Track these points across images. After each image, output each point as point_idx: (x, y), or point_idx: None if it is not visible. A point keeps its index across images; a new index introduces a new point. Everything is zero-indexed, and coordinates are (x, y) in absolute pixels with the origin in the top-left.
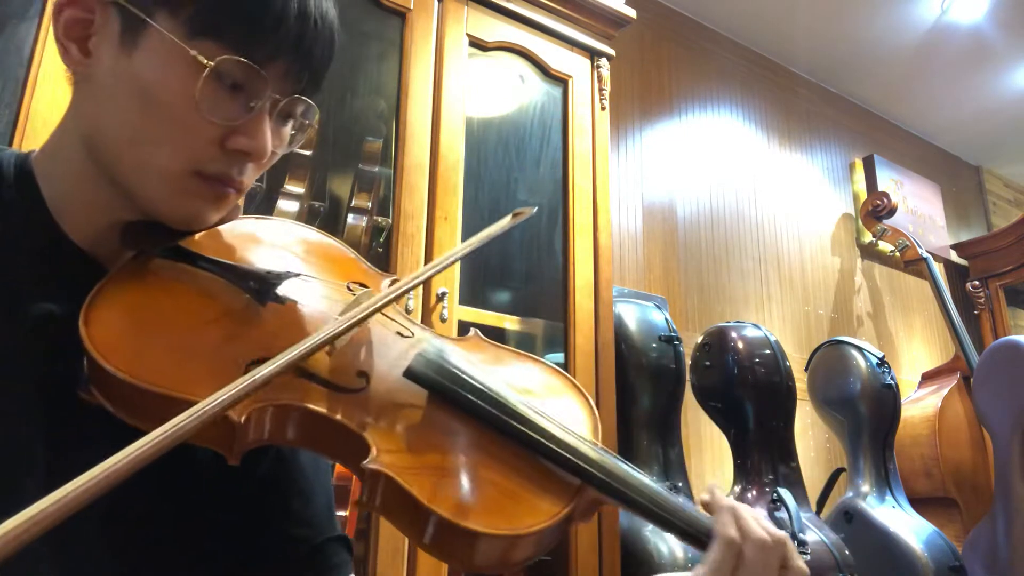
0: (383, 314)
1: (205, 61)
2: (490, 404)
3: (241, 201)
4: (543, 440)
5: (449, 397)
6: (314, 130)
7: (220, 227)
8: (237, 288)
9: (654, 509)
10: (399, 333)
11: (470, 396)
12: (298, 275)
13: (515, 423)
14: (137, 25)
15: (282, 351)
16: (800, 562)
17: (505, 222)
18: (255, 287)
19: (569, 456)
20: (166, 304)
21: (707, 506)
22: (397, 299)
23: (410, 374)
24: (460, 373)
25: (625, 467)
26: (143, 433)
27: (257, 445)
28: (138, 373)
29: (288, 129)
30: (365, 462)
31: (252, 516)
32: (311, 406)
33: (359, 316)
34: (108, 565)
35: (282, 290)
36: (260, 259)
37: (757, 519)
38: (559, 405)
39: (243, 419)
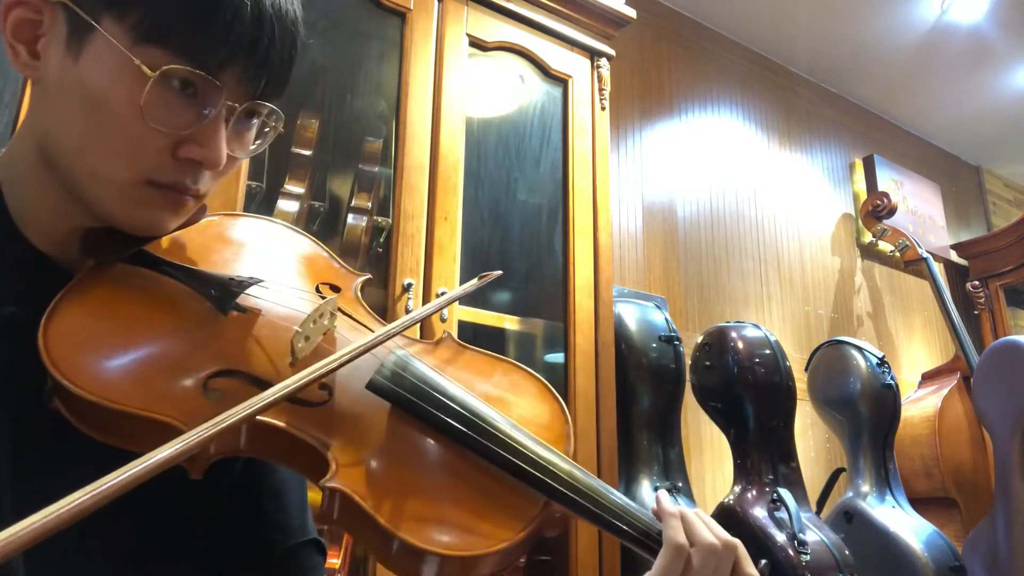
0: (350, 317)
1: (148, 72)
2: (455, 419)
3: (241, 187)
4: (508, 456)
5: (413, 411)
6: (277, 132)
7: (186, 228)
8: (198, 295)
9: (623, 527)
10: None
11: (435, 411)
12: (261, 281)
13: (480, 439)
14: (83, 29)
15: (241, 363)
16: (752, 569)
17: (472, 284)
18: (216, 295)
19: (535, 472)
20: (126, 314)
21: (656, 513)
22: (376, 345)
23: (373, 387)
24: (425, 387)
25: (593, 482)
26: (105, 442)
27: (219, 458)
28: (96, 391)
29: (252, 132)
30: (324, 480)
31: (224, 521)
32: (271, 420)
33: (321, 370)
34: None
35: (244, 298)
36: (226, 262)
37: (708, 525)
38: (530, 413)
39: None
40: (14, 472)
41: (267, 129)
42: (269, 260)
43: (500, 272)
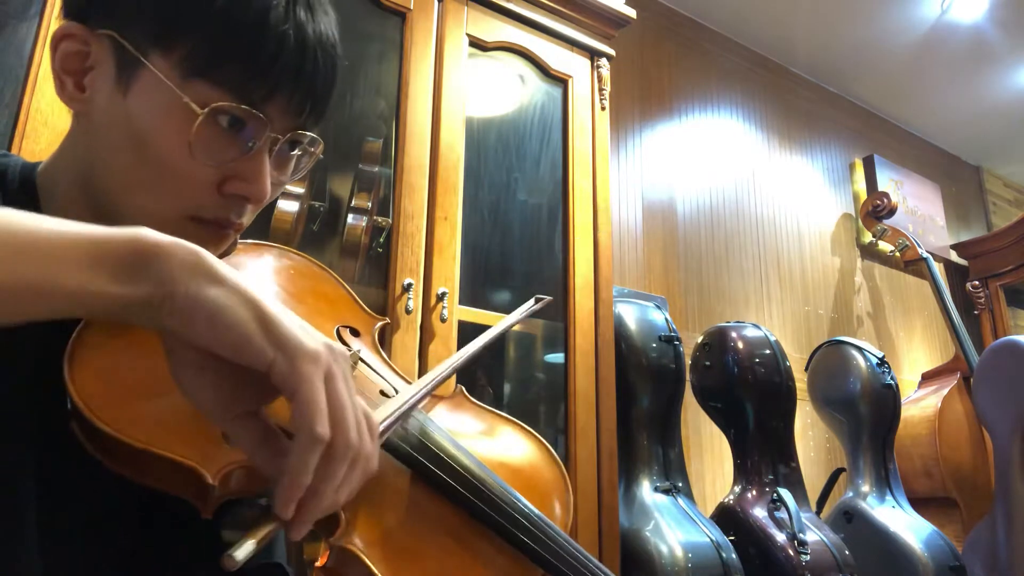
0: (367, 366)
1: (198, 110)
2: (468, 490)
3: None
4: (516, 531)
5: (426, 476)
6: (317, 159)
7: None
8: None
9: None
10: (383, 392)
11: (449, 480)
12: None
13: (490, 511)
14: (131, 64)
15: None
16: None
17: (526, 307)
18: None
19: (538, 549)
20: (151, 346)
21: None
22: (420, 401)
23: (391, 448)
24: (444, 455)
25: (590, 563)
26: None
27: (234, 496)
28: (119, 426)
29: (293, 160)
30: (334, 538)
31: (205, 539)
32: None
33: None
34: None
35: None
36: None
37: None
38: (534, 479)
39: (216, 481)
40: (38, 492)
41: (307, 156)
42: (291, 297)
43: (551, 298)
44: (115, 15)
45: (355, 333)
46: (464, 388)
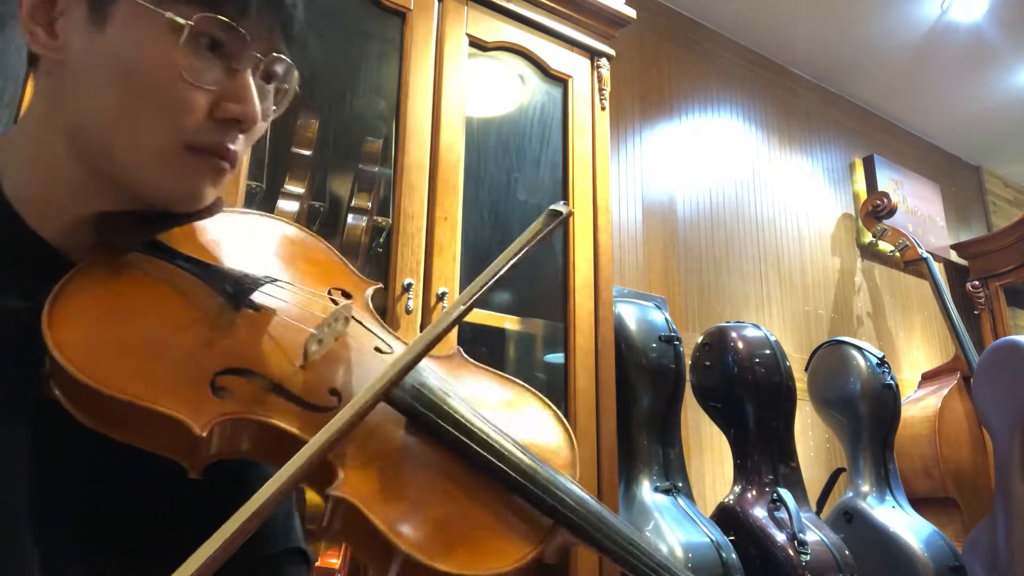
0: (360, 324)
1: (182, 21)
2: (468, 437)
3: (241, 187)
4: (519, 478)
5: (425, 425)
6: (295, 94)
7: (200, 222)
8: (212, 290)
9: (628, 558)
10: (377, 348)
11: (448, 427)
12: (276, 280)
13: (492, 459)
14: None
15: (251, 362)
16: None
17: (540, 223)
18: (230, 291)
19: (544, 496)
20: (136, 302)
21: None
22: (437, 341)
23: (391, 400)
24: (440, 402)
25: (601, 510)
26: (101, 431)
27: (219, 459)
28: (101, 377)
29: (271, 93)
30: (331, 488)
31: (211, 525)
32: (277, 423)
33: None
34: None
35: (258, 296)
36: (239, 259)
37: None
38: (539, 436)
39: (205, 433)
40: (31, 466)
41: (283, 91)
42: (282, 260)
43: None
44: None
45: (346, 295)
46: (462, 349)
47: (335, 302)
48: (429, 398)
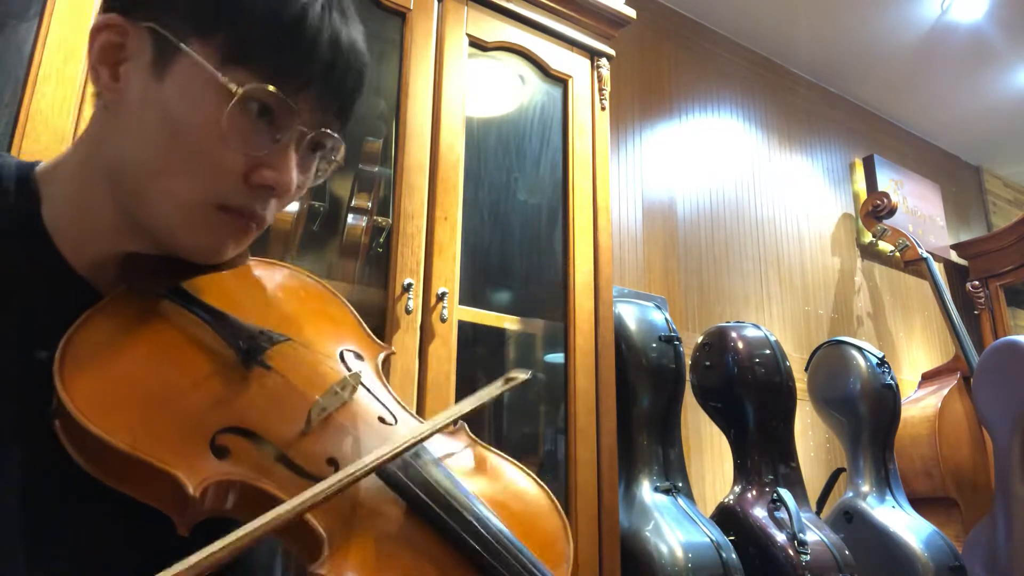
0: (368, 391)
1: (235, 88)
2: (466, 531)
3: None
4: (507, 574)
5: (421, 509)
6: (339, 165)
7: (222, 272)
8: (226, 344)
9: None
10: (381, 419)
11: (445, 516)
12: (290, 340)
13: (482, 551)
14: (169, 51)
15: (254, 423)
16: None
17: (497, 386)
18: (244, 347)
19: None
20: (148, 350)
21: None
22: (419, 443)
23: (386, 477)
24: (439, 488)
25: None
26: (95, 476)
27: (208, 516)
28: (104, 425)
29: (314, 163)
30: (315, 565)
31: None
32: (270, 490)
33: (362, 470)
34: None
35: (271, 355)
36: (257, 311)
37: None
38: (534, 527)
39: (198, 493)
40: (23, 490)
41: (328, 161)
42: (300, 316)
43: (529, 374)
44: (156, 6)
45: (359, 357)
46: (467, 426)
47: (347, 367)
48: (431, 485)
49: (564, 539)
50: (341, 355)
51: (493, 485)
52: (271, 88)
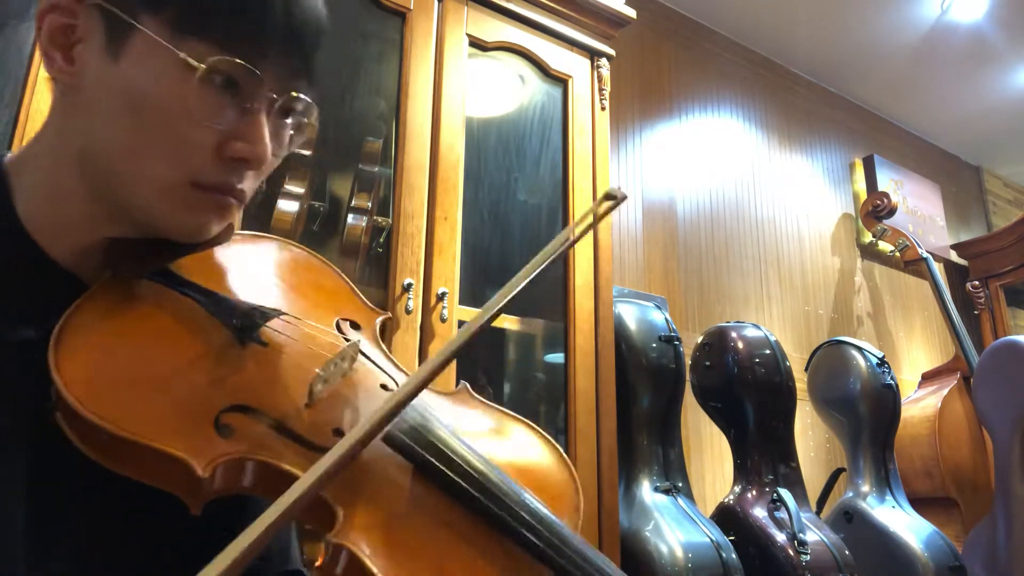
0: (368, 359)
1: (195, 63)
2: (474, 487)
3: (238, 215)
4: (524, 531)
5: (430, 472)
6: (314, 129)
7: (210, 249)
8: (219, 323)
9: None
10: (383, 386)
11: (453, 476)
12: (284, 314)
13: (492, 506)
14: (121, 29)
15: (256, 400)
16: None
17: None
18: (238, 324)
19: (545, 548)
20: (142, 335)
21: None
22: (437, 373)
23: (390, 441)
24: (446, 449)
25: (601, 562)
26: (102, 464)
27: (220, 495)
28: (104, 413)
29: (287, 129)
30: (330, 534)
31: (211, 545)
32: (280, 464)
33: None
34: None
35: (266, 331)
36: (249, 287)
37: None
38: (543, 480)
39: (208, 474)
40: (28, 491)
41: (301, 127)
42: (292, 288)
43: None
44: None
45: (355, 326)
46: (468, 385)
47: (345, 337)
48: (435, 444)
49: (573, 490)
50: (337, 325)
51: (499, 441)
52: (234, 59)
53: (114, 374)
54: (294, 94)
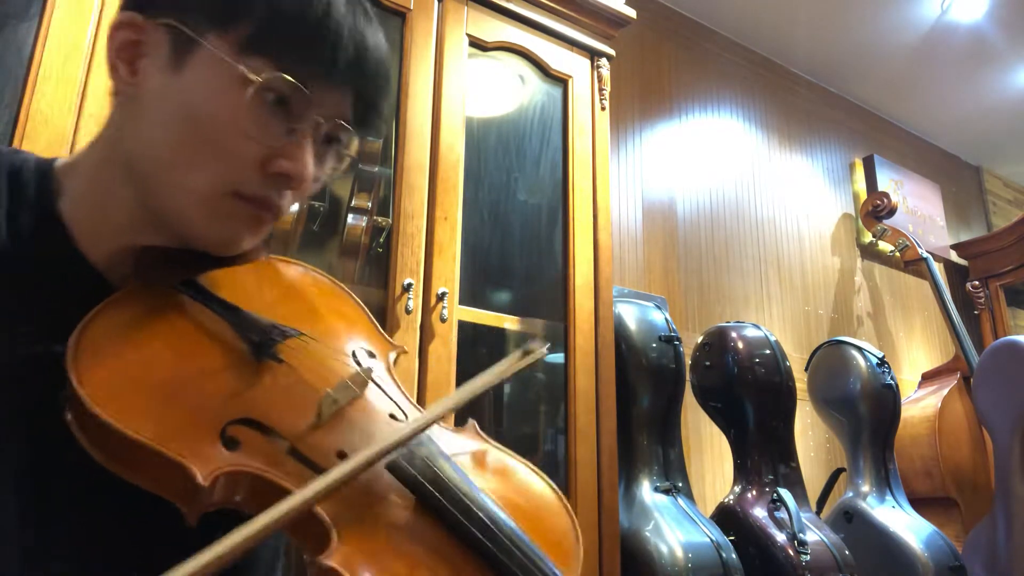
0: (379, 388)
1: (252, 76)
2: (475, 525)
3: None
4: (514, 569)
5: (432, 506)
6: (348, 161)
7: (235, 267)
8: (238, 337)
9: None
10: (392, 416)
11: (456, 513)
12: (302, 335)
13: (495, 550)
14: (187, 45)
15: (264, 415)
16: None
17: (513, 359)
18: (256, 340)
19: None
20: (161, 341)
21: None
22: (422, 430)
23: (395, 471)
24: (451, 485)
25: None
26: (106, 466)
27: (217, 508)
28: (115, 414)
29: (329, 158)
30: (322, 556)
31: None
32: (279, 481)
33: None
34: None
35: (283, 349)
36: (271, 307)
37: None
38: (543, 525)
39: (208, 483)
40: (32, 487)
41: (341, 156)
42: (312, 313)
43: (547, 347)
44: (173, 4)
45: (371, 355)
46: (476, 423)
47: (359, 363)
48: (440, 479)
49: (574, 538)
50: (353, 352)
51: (502, 482)
52: (287, 77)
53: (128, 377)
54: (340, 122)
